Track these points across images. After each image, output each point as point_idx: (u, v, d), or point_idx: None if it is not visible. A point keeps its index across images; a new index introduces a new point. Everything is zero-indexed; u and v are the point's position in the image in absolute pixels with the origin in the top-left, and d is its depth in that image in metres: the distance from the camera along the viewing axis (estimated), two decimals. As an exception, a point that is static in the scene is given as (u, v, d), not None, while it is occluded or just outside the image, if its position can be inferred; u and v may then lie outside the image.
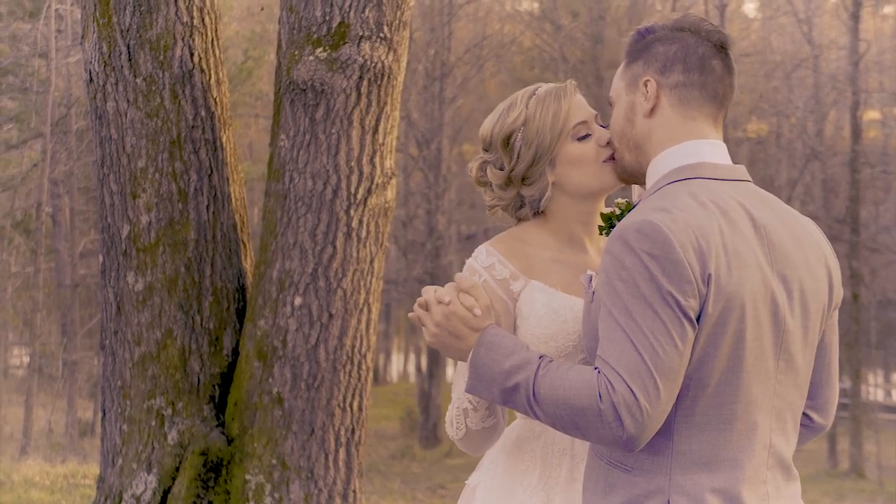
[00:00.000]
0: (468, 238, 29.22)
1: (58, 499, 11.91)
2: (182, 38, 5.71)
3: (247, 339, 5.72)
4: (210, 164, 5.78)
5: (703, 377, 2.41)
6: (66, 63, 21.04)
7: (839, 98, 23.85)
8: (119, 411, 5.74)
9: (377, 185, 5.69)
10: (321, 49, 5.59)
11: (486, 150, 2.94)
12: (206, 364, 5.73)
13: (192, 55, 5.74)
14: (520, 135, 2.86)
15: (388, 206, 5.76)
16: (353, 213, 5.63)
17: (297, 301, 5.60)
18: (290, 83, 5.65)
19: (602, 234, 2.90)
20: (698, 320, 2.37)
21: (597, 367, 2.39)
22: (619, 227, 2.44)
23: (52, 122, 20.53)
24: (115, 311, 5.76)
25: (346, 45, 5.58)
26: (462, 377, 2.77)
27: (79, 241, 22.39)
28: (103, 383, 5.88)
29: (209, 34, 5.84)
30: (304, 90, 5.61)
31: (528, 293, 2.82)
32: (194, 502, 5.57)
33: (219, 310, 5.78)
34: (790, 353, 2.51)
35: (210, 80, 5.81)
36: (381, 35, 5.62)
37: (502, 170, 2.90)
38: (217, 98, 5.85)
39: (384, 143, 5.71)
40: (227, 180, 5.87)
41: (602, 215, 2.90)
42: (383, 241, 5.78)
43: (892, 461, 21.78)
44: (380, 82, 5.64)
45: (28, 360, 22.61)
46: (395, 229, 23.10)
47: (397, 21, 5.66)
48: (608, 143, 2.82)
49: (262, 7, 21.37)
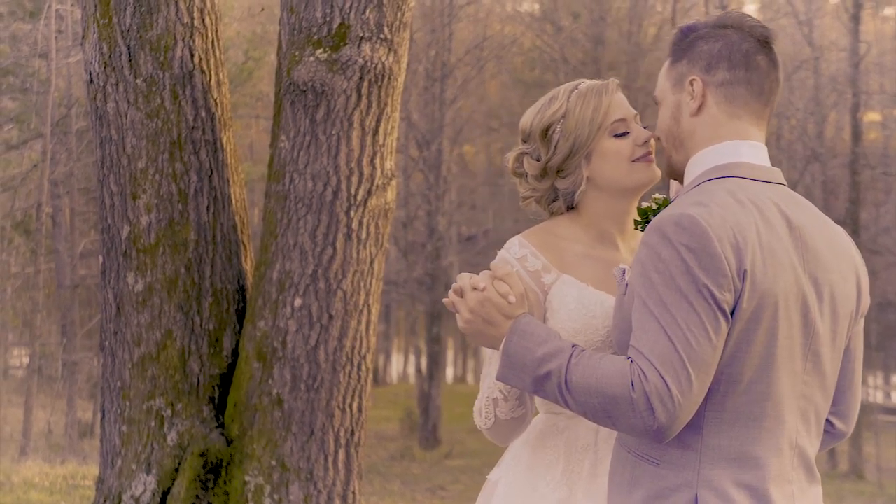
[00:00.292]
0: (468, 239, 29.22)
1: (57, 500, 11.90)
2: (182, 39, 5.71)
3: (246, 341, 5.71)
4: (210, 165, 5.78)
5: (734, 373, 2.43)
6: (67, 63, 21.04)
7: (839, 100, 23.83)
8: (118, 412, 5.73)
9: (377, 186, 5.69)
10: (322, 50, 5.59)
11: (524, 141, 2.98)
12: (205, 365, 5.72)
13: (192, 56, 5.74)
14: (559, 126, 2.89)
15: (388, 207, 5.76)
16: (353, 214, 5.63)
17: (297, 302, 5.60)
18: (290, 84, 5.65)
19: (638, 228, 2.92)
20: (732, 315, 2.39)
21: (629, 357, 2.40)
22: (656, 219, 2.47)
23: (53, 123, 20.52)
24: (115, 311, 5.75)
25: (347, 47, 5.58)
26: (493, 367, 2.79)
27: (79, 242, 22.38)
28: (103, 384, 5.87)
29: (210, 35, 5.84)
30: (305, 91, 5.61)
31: (559, 286, 2.85)
32: (193, 503, 5.57)
33: (219, 311, 5.77)
34: (818, 355, 2.53)
35: (210, 80, 5.81)
36: (382, 36, 5.61)
37: (539, 160, 2.94)
38: (217, 99, 5.84)
39: (384, 145, 5.71)
40: (228, 181, 5.86)
41: (638, 209, 2.93)
42: (383, 243, 5.77)
43: (892, 463, 21.77)
44: (380, 83, 5.64)
45: (28, 360, 22.61)
46: (395, 230, 23.10)
47: (398, 22, 5.66)
48: (644, 143, 2.87)
49: (262, 8, 21.36)
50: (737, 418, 2.45)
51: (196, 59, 5.75)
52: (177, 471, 5.62)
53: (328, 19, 5.59)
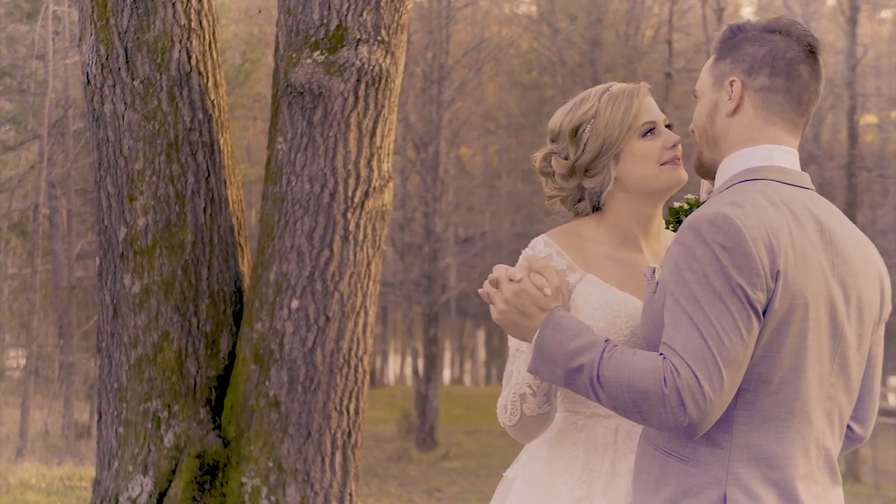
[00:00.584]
0: (465, 241, 29.22)
1: (54, 501, 11.89)
2: (180, 41, 5.71)
3: (243, 342, 5.71)
4: (207, 167, 5.78)
5: (764, 373, 2.45)
6: (64, 65, 21.04)
7: (836, 102, 23.86)
8: (115, 414, 5.73)
9: (374, 188, 5.69)
10: (319, 52, 5.59)
11: (553, 141, 3.02)
12: (202, 367, 5.72)
13: (189, 58, 5.74)
14: (588, 126, 2.93)
15: (385, 209, 5.76)
16: (350, 216, 5.63)
17: (294, 304, 5.60)
18: (287, 86, 5.65)
19: (668, 227, 2.94)
20: (764, 315, 2.42)
21: (662, 353, 2.43)
22: (690, 218, 2.49)
23: (50, 124, 20.52)
24: (112, 313, 5.75)
25: (344, 49, 5.58)
26: (519, 364, 2.82)
27: (76, 243, 22.37)
28: (99, 386, 5.87)
29: (207, 37, 5.84)
30: (302, 93, 5.61)
31: (583, 286, 2.88)
32: (190, 505, 5.57)
33: (215, 312, 5.77)
34: (845, 357, 2.55)
35: (208, 82, 5.81)
36: (379, 38, 5.62)
37: (567, 160, 2.97)
38: (215, 100, 5.84)
39: (381, 147, 5.71)
40: (225, 183, 5.86)
41: (670, 209, 2.95)
42: (380, 245, 5.78)
43: (889, 465, 21.77)
44: (377, 85, 5.64)
45: (24, 361, 22.58)
46: (392, 232, 23.10)
47: (395, 24, 5.66)
48: (673, 146, 2.90)
49: (259, 10, 21.35)
50: (766, 418, 2.48)
51: (193, 61, 5.75)
52: (173, 472, 5.62)
53: (325, 21, 5.60)
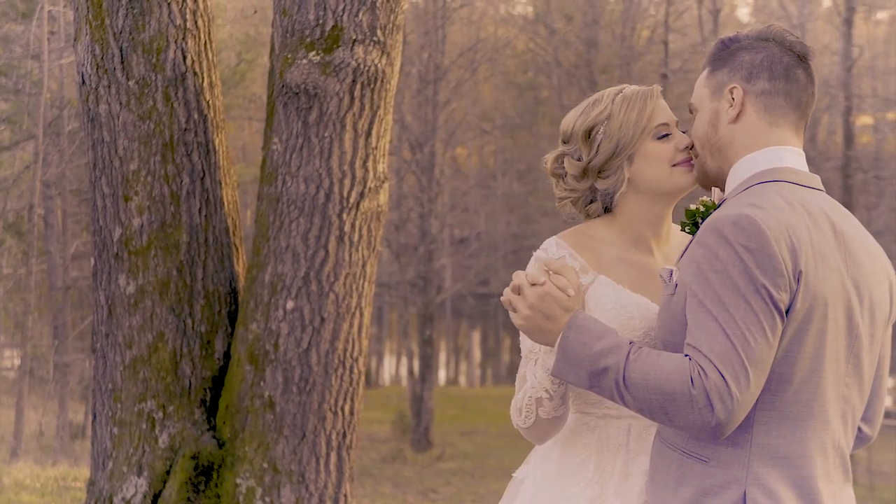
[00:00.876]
0: (461, 242, 29.22)
1: (48, 501, 11.88)
2: (175, 41, 5.70)
3: (238, 343, 5.71)
4: (202, 168, 5.77)
5: (785, 372, 2.47)
6: (59, 65, 21.01)
7: (832, 103, 23.87)
8: (110, 414, 5.72)
9: (370, 188, 5.68)
10: (314, 52, 5.58)
11: (565, 143, 3.03)
12: (197, 367, 5.72)
13: (184, 58, 5.73)
14: (602, 128, 2.94)
15: (380, 209, 5.76)
16: (345, 216, 5.62)
17: (290, 305, 5.60)
18: (283, 86, 5.64)
19: (685, 230, 2.94)
20: (786, 314, 2.44)
21: (687, 354, 2.44)
22: (712, 219, 2.51)
23: (45, 124, 20.49)
24: (107, 313, 5.74)
25: (340, 49, 5.58)
26: (534, 367, 2.82)
27: (71, 244, 22.34)
28: (94, 386, 5.86)
29: (202, 37, 5.83)
30: (297, 94, 5.60)
31: (595, 287, 2.89)
32: (185, 506, 5.56)
33: (210, 313, 5.77)
34: (859, 357, 2.58)
35: (203, 82, 5.80)
36: (375, 38, 5.61)
37: (580, 161, 2.98)
38: (210, 101, 5.84)
39: (377, 147, 5.71)
40: (220, 183, 5.86)
41: (686, 211, 2.96)
42: (376, 245, 5.77)
43: (884, 466, 21.79)
44: (373, 86, 5.63)
45: (19, 362, 22.55)
46: (387, 233, 23.09)
47: (391, 24, 5.66)
48: (686, 148, 2.91)
49: (255, 10, 21.35)
50: (786, 417, 2.50)
51: (188, 61, 5.75)
52: (168, 473, 5.61)
53: (321, 22, 5.59)
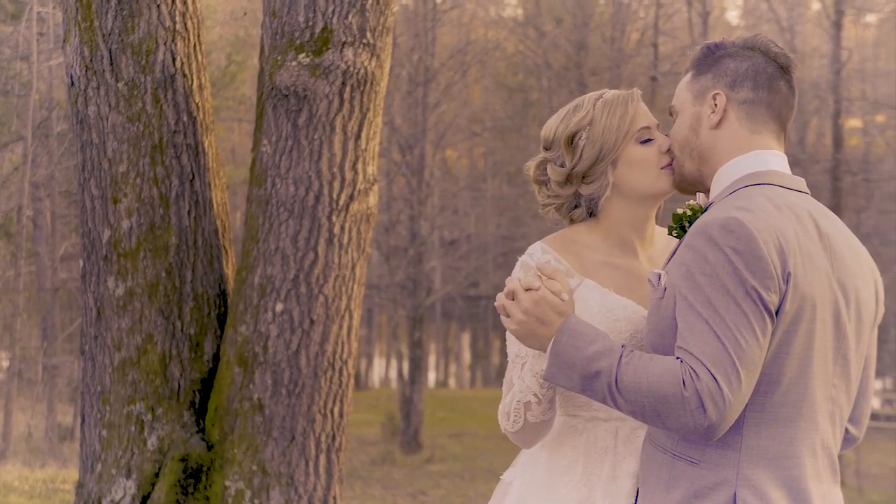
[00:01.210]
0: (451, 244, 29.21)
1: (37, 504, 11.85)
2: (164, 43, 5.69)
3: (228, 345, 5.70)
4: (192, 169, 5.76)
5: (774, 374, 2.49)
6: (48, 66, 20.97)
7: (821, 106, 23.93)
8: (98, 417, 5.71)
9: (359, 191, 5.68)
10: (304, 55, 5.58)
11: (546, 149, 3.03)
12: (186, 370, 5.71)
13: (174, 59, 5.72)
14: (584, 134, 2.94)
15: (370, 212, 5.76)
16: (335, 219, 5.62)
17: (279, 307, 5.59)
18: (272, 88, 5.64)
19: (672, 234, 2.95)
20: (776, 316, 2.46)
21: (678, 357, 2.46)
22: (700, 222, 2.53)
23: (34, 126, 20.45)
24: (96, 315, 5.73)
25: (329, 51, 5.57)
26: (519, 370, 2.83)
27: (60, 245, 22.30)
28: (83, 388, 5.85)
29: (191, 38, 5.82)
30: (287, 96, 5.60)
31: (581, 291, 2.89)
32: (174, 509, 5.55)
33: (199, 315, 5.76)
34: (846, 359, 2.60)
35: (192, 84, 5.80)
36: (365, 41, 5.61)
37: (563, 167, 2.98)
38: (199, 102, 5.83)
39: (367, 149, 5.71)
40: (209, 185, 5.85)
41: (673, 215, 2.97)
42: (365, 247, 5.77)
43: (873, 469, 21.83)
44: (363, 88, 5.63)
45: (7, 364, 22.50)
46: (377, 235, 23.08)
47: (380, 27, 5.66)
48: (668, 151, 2.92)
49: (245, 12, 21.33)
50: (775, 418, 2.51)
51: (178, 63, 5.74)
52: (157, 475, 5.60)
53: (311, 24, 5.59)
